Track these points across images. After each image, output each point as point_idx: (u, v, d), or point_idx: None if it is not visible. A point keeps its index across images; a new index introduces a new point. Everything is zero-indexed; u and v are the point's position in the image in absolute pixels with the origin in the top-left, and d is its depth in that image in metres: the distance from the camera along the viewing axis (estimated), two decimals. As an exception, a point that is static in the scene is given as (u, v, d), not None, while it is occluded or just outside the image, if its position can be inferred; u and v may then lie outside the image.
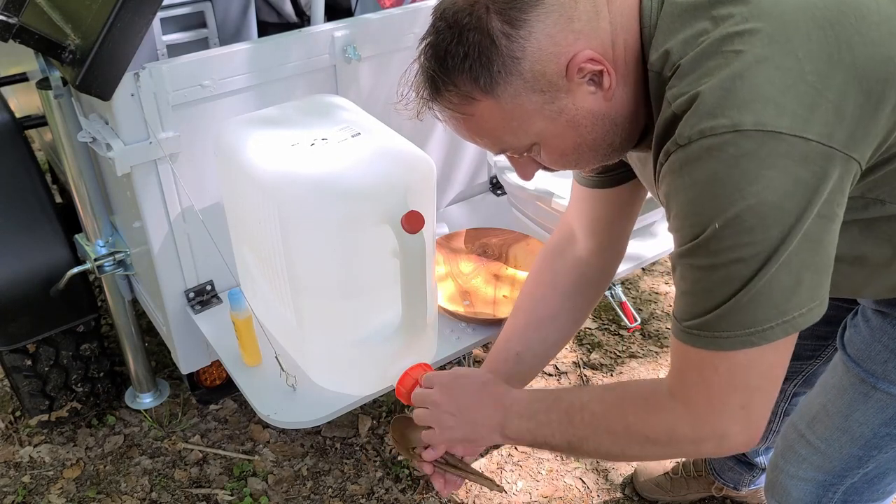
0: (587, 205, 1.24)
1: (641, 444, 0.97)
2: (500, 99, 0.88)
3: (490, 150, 0.98)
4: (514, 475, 2.01)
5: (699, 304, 0.87)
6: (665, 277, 2.73)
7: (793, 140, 0.78)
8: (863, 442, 1.21)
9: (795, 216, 0.79)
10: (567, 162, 0.97)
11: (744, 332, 0.84)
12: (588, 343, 2.44)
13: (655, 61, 0.87)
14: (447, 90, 0.90)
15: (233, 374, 1.50)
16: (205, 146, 1.49)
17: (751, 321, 0.84)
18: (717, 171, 0.80)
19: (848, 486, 1.27)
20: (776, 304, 0.83)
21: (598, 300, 1.33)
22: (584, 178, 1.21)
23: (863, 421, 1.19)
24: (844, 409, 1.21)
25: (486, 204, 2.02)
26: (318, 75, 1.58)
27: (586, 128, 0.91)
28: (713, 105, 0.80)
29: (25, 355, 1.87)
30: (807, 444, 1.29)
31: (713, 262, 0.83)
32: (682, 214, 0.85)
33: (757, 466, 1.75)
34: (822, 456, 1.27)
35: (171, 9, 2.42)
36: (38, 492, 1.95)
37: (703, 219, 0.82)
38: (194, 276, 1.63)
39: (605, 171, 1.18)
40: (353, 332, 1.37)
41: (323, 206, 1.22)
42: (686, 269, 0.88)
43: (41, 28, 1.31)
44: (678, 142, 0.82)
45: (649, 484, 1.93)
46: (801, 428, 1.30)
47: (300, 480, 1.98)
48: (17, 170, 1.81)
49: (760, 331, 0.84)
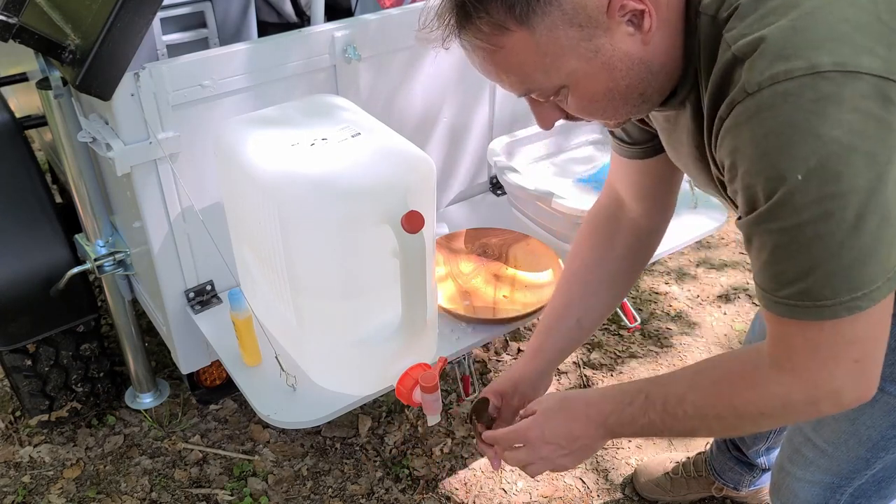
0: (629, 174, 1.22)
1: (755, 420, 0.94)
2: (535, 31, 0.81)
3: (515, 90, 0.90)
4: (514, 475, 2.01)
5: (790, 271, 0.80)
6: (665, 277, 2.73)
7: (874, 80, 0.73)
8: (870, 444, 1.19)
9: (884, 161, 0.74)
10: (595, 109, 0.91)
11: (849, 298, 0.78)
12: (588, 343, 2.44)
13: (709, 3, 0.82)
14: (478, 18, 0.81)
15: (233, 374, 1.50)
16: (205, 146, 1.49)
17: (856, 283, 0.77)
18: (794, 118, 0.73)
19: (855, 488, 1.26)
20: (880, 261, 0.77)
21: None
22: (622, 149, 1.19)
23: (870, 424, 1.17)
24: (851, 413, 1.15)
25: (486, 204, 2.02)
26: (318, 75, 1.58)
27: (621, 72, 0.85)
28: (783, 46, 0.74)
29: (25, 355, 1.87)
30: (813, 448, 1.27)
31: (799, 220, 0.76)
32: (755, 171, 0.78)
33: (758, 467, 1.75)
34: (829, 459, 1.25)
35: (171, 9, 2.42)
36: (38, 492, 1.95)
37: (782, 172, 0.75)
38: (194, 276, 1.63)
39: (639, 143, 1.15)
40: (353, 332, 1.37)
41: (323, 206, 1.22)
42: (766, 235, 0.80)
43: (41, 28, 1.31)
44: (746, 90, 0.76)
45: (649, 484, 1.92)
46: (807, 431, 1.28)
47: (300, 480, 1.98)
48: (17, 170, 1.81)
49: (868, 293, 0.78)
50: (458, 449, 2.08)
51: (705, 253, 2.88)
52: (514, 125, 2.00)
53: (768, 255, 0.81)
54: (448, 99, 1.82)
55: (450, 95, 1.82)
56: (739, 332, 2.49)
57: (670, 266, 2.80)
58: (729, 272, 2.77)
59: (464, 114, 1.88)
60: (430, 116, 1.82)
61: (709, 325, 2.53)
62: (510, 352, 2.40)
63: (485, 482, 1.99)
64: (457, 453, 2.06)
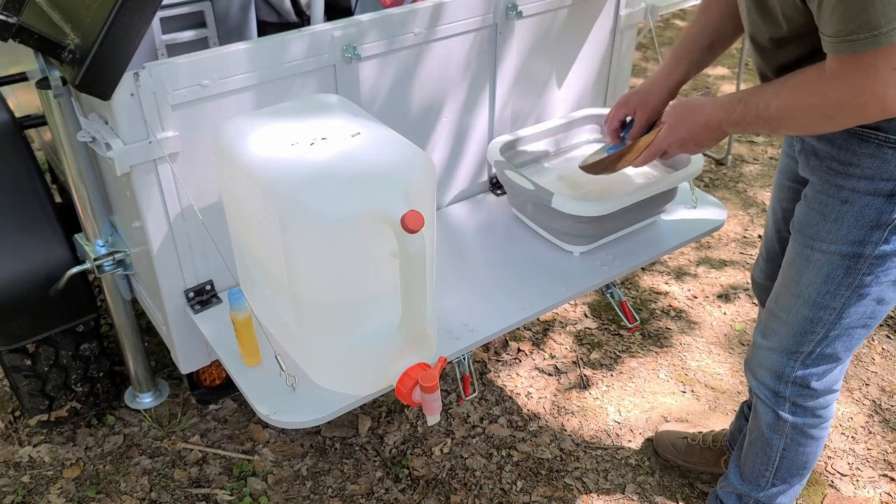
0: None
1: (820, 121, 1.19)
2: None
3: None
4: (513, 475, 2.01)
5: (854, 7, 1.02)
6: (665, 277, 2.73)
7: None
8: (811, 303, 1.40)
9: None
10: None
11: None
12: (588, 343, 2.44)
13: None
14: None
15: (232, 373, 1.50)
16: (205, 146, 1.49)
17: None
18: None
19: (805, 356, 1.46)
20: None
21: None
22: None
23: (808, 283, 1.39)
24: (795, 277, 1.42)
25: (486, 204, 2.02)
26: (317, 75, 1.58)
27: None
28: None
29: (25, 355, 1.87)
30: (775, 318, 1.49)
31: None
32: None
33: None
34: (784, 325, 1.46)
35: (171, 8, 2.42)
36: (38, 492, 1.95)
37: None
38: (194, 275, 1.63)
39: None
40: (353, 332, 1.37)
41: (322, 206, 1.22)
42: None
43: (41, 28, 1.31)
44: None
45: (666, 443, 2.05)
46: (771, 306, 1.51)
47: (300, 480, 1.98)
48: (17, 170, 1.81)
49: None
50: (458, 449, 2.08)
51: (705, 253, 2.88)
52: (514, 125, 2.00)
53: (835, 1, 1.05)
54: (448, 99, 1.82)
55: (450, 95, 1.82)
56: (739, 332, 2.49)
57: (670, 266, 2.80)
58: (729, 272, 2.77)
59: (464, 114, 1.88)
60: (430, 116, 1.82)
61: (709, 324, 2.53)
62: (510, 352, 2.40)
63: (485, 482, 1.99)
64: (457, 453, 2.06)
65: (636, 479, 2.01)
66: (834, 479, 2.02)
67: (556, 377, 2.32)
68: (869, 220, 1.28)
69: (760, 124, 1.27)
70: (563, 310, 2.57)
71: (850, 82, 1.11)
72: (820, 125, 1.22)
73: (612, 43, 2.06)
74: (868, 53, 1.05)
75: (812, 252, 1.37)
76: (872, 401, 2.25)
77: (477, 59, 1.81)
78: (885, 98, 1.09)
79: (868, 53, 1.05)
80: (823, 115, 1.18)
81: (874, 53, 1.05)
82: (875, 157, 1.24)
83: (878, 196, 1.26)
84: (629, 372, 2.34)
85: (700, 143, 1.42)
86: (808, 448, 1.59)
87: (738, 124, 1.31)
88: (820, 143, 1.31)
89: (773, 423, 1.57)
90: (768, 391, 1.54)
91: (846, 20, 1.05)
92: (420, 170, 1.30)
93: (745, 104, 1.28)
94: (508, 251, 1.82)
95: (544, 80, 1.99)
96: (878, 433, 2.15)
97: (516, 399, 2.24)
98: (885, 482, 2.01)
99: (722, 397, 2.26)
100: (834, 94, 1.13)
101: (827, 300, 1.38)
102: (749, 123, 1.29)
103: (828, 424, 1.58)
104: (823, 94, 1.15)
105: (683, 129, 1.42)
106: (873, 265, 1.32)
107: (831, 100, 1.14)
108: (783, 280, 1.47)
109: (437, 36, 1.70)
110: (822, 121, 1.20)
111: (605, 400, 2.25)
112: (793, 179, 1.52)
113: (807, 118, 1.21)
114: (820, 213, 1.34)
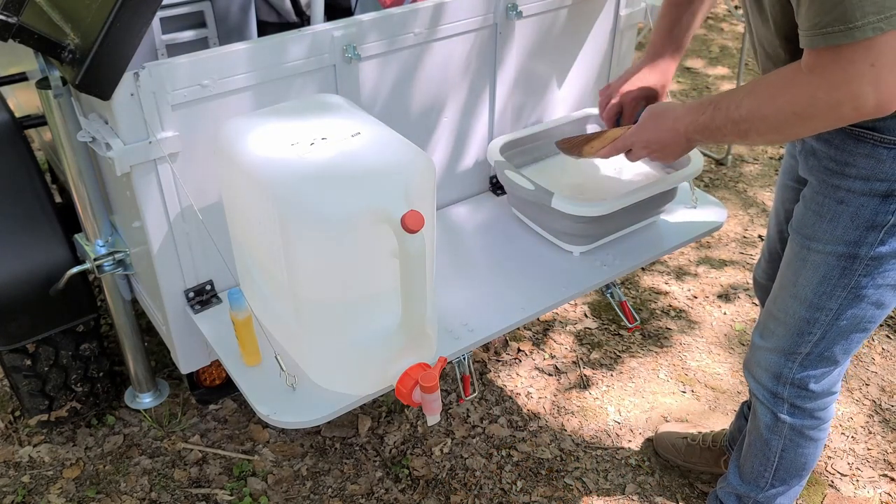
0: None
1: (791, 121, 1.14)
2: None
3: None
4: (513, 475, 2.01)
5: (829, 1, 1.01)
6: (665, 277, 2.73)
7: None
8: (807, 303, 1.40)
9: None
10: None
11: (876, 19, 0.99)
12: (588, 343, 2.44)
13: None
14: None
15: (232, 373, 1.50)
16: (205, 146, 1.49)
17: (880, 7, 0.98)
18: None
19: (803, 357, 1.46)
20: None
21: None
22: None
23: (805, 283, 1.39)
24: (792, 277, 1.42)
25: (486, 204, 2.02)
26: (318, 75, 1.58)
27: None
28: None
29: (25, 355, 1.87)
30: (773, 319, 1.49)
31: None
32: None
33: None
34: (782, 325, 1.46)
35: (171, 8, 2.42)
36: (38, 492, 1.95)
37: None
38: (194, 275, 1.63)
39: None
40: (353, 332, 1.37)
41: (322, 206, 1.22)
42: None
43: (41, 28, 1.31)
44: None
45: (666, 442, 2.05)
46: (769, 306, 1.51)
47: (300, 480, 1.98)
48: (17, 170, 1.81)
49: (889, 17, 0.99)
50: (458, 449, 2.08)
51: (705, 252, 2.88)
52: (515, 125, 2.00)
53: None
54: (448, 99, 1.82)
55: (450, 95, 1.82)
56: (739, 332, 2.49)
57: (670, 266, 2.80)
58: (729, 272, 2.77)
59: (464, 114, 1.88)
60: (430, 116, 1.82)
61: (709, 324, 2.53)
62: (510, 352, 2.40)
63: (485, 482, 1.99)
64: (457, 453, 2.06)
65: (636, 479, 2.01)
66: (834, 479, 2.02)
67: (556, 377, 2.32)
68: (864, 221, 1.28)
69: (729, 127, 1.23)
70: (563, 310, 2.57)
71: (826, 78, 1.07)
72: (790, 127, 1.17)
73: (612, 43, 2.06)
74: (846, 48, 1.03)
75: (809, 252, 1.37)
76: (872, 401, 2.25)
77: (477, 60, 1.81)
78: (860, 96, 1.05)
79: (846, 48, 1.03)
80: (794, 113, 1.13)
81: (852, 48, 1.02)
82: (870, 158, 1.23)
83: (874, 196, 1.26)
84: (629, 372, 2.34)
85: (664, 148, 1.40)
86: (806, 449, 1.59)
87: (706, 128, 1.27)
88: (818, 143, 1.31)
89: (772, 424, 1.57)
90: (767, 392, 1.54)
91: (822, 13, 1.03)
92: (420, 170, 1.30)
93: (715, 106, 1.25)
94: (508, 251, 1.82)
95: (544, 80, 1.99)
96: (878, 433, 2.15)
97: (516, 399, 2.24)
98: (885, 482, 2.02)
99: (722, 397, 2.26)
100: (808, 91, 1.10)
101: (823, 301, 1.38)
102: (718, 127, 1.25)
103: (827, 426, 1.58)
104: (796, 90, 1.12)
105: (650, 130, 1.41)
106: (869, 266, 1.32)
107: (804, 97, 1.11)
108: (781, 281, 1.47)
109: (437, 36, 1.70)
110: (792, 121, 1.15)
111: (605, 400, 2.25)
112: (795, 180, 1.52)
113: (777, 118, 1.16)
114: (817, 214, 1.34)
